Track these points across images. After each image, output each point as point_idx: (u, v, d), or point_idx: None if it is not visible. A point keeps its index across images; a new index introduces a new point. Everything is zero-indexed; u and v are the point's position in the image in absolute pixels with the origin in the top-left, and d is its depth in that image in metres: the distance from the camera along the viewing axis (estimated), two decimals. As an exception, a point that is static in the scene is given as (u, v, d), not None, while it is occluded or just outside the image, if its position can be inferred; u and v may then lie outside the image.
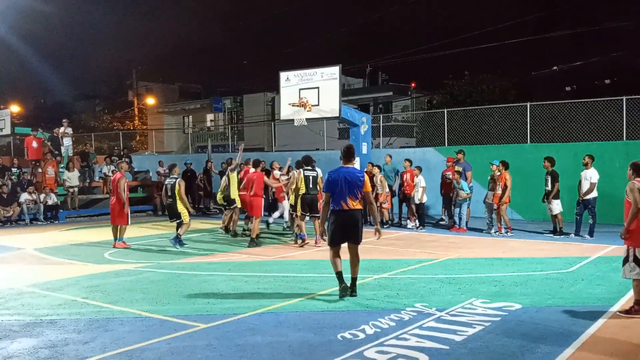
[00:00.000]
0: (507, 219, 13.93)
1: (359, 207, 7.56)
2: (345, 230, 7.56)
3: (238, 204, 14.13)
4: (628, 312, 6.58)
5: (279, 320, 6.53)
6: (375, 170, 15.65)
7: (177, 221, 12.67)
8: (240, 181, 14.01)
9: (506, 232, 13.78)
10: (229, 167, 14.71)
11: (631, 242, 6.65)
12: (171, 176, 12.88)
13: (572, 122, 17.97)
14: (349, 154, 7.81)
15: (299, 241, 12.58)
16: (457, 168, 15.11)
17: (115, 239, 12.75)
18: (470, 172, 15.17)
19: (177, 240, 12.45)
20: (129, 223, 12.91)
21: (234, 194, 14.11)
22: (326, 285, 8.26)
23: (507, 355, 5.27)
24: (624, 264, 6.72)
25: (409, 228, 15.47)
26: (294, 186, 12.77)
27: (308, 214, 12.53)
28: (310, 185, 12.38)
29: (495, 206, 13.88)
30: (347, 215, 7.50)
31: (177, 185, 12.50)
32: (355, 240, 7.61)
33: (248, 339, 5.80)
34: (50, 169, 20.40)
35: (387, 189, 15.61)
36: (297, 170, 12.82)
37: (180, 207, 12.52)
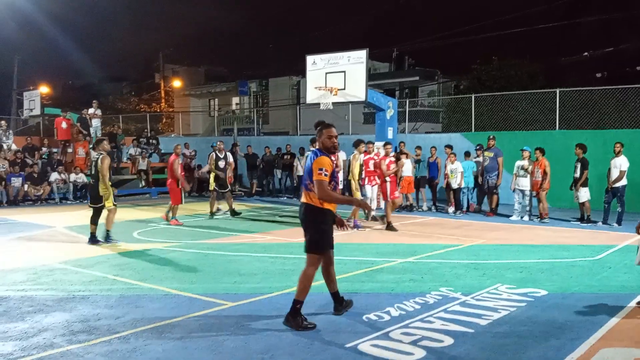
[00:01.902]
0: (546, 205, 13.86)
1: (308, 200, 5.69)
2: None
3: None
4: (656, 300, 6.53)
5: (305, 300, 6.59)
6: (403, 156, 15.48)
7: (100, 206, 10.62)
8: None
9: (538, 219, 13.72)
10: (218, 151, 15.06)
11: None
12: (98, 152, 10.82)
13: (602, 109, 17.68)
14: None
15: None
16: (487, 154, 15.04)
17: (173, 216, 13.59)
18: (502, 157, 15.08)
19: (107, 237, 10.67)
20: (183, 202, 13.76)
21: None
22: (351, 268, 8.33)
23: (532, 340, 5.28)
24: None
25: (448, 213, 15.39)
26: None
27: None
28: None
29: (534, 193, 13.89)
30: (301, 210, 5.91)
31: (99, 161, 10.39)
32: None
33: (275, 318, 5.89)
34: (80, 149, 20.80)
35: (402, 173, 15.25)
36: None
37: (102, 189, 10.51)
